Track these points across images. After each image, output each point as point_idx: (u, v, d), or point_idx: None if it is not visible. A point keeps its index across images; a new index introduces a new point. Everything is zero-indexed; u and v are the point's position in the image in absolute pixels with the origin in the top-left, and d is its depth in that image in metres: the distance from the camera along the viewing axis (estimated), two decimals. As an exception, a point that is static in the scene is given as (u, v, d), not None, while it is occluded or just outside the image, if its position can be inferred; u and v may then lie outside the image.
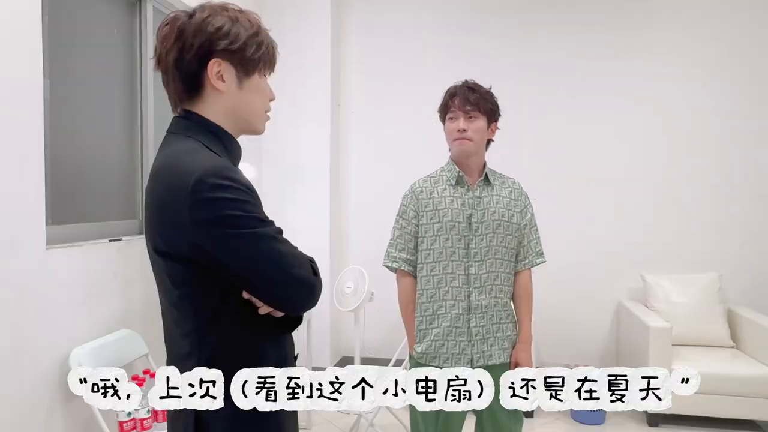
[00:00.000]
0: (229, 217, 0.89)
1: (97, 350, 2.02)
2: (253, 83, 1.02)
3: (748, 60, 3.62)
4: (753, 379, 2.97)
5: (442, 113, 1.89)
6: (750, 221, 3.65)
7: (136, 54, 2.50)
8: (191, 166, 0.91)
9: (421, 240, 1.84)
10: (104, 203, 2.33)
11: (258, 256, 0.92)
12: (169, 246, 0.94)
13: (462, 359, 1.77)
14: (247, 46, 0.99)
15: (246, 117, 1.04)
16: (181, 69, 0.98)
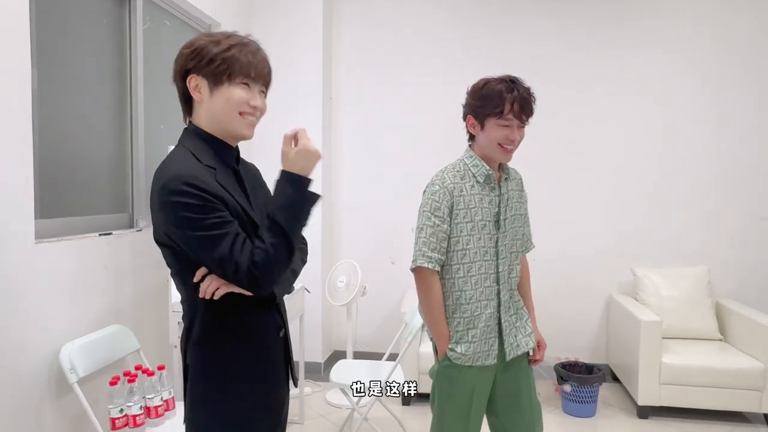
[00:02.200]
0: (182, 218, 1.09)
1: (88, 346, 2.00)
2: (221, 91, 1.18)
3: (741, 58, 3.64)
4: (740, 371, 3.01)
5: (491, 111, 1.70)
6: (738, 217, 3.69)
7: (125, 47, 2.47)
8: (164, 172, 1.12)
9: (456, 240, 1.74)
10: (94, 197, 2.29)
11: (205, 251, 1.10)
12: (156, 234, 1.19)
13: (491, 355, 1.75)
14: (213, 62, 1.16)
15: (222, 120, 1.21)
16: (177, 89, 1.25)
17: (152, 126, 2.65)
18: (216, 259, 1.09)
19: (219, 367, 1.19)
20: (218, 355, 1.20)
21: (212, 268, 1.13)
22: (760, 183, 3.66)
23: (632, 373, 3.23)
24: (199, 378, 1.20)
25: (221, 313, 1.18)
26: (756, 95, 3.64)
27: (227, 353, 1.20)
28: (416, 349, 3.23)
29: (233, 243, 1.10)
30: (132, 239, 2.37)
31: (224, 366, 1.20)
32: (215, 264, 1.11)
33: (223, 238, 1.09)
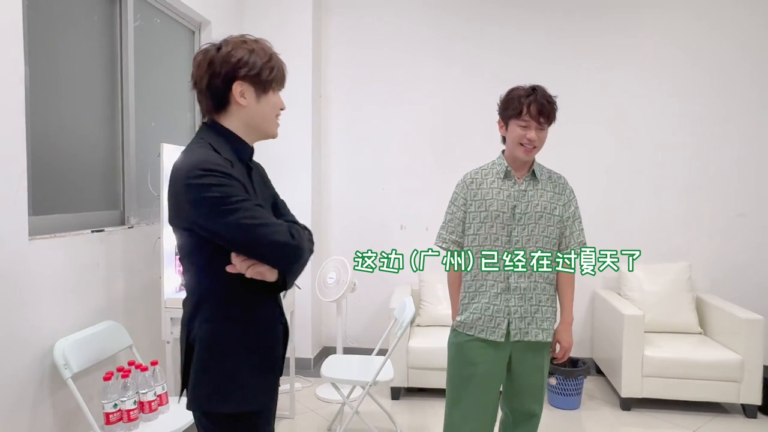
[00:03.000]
0: (211, 198, 1.16)
1: (81, 342, 2.02)
2: (268, 98, 1.32)
3: (725, 61, 3.74)
4: (719, 363, 3.11)
5: (512, 114, 1.92)
6: (717, 215, 3.80)
7: (116, 44, 2.47)
8: (187, 160, 1.21)
9: (468, 226, 2.00)
10: (85, 194, 2.30)
11: (237, 225, 1.17)
12: (175, 219, 1.25)
13: (496, 332, 1.95)
14: (262, 71, 1.28)
15: (261, 124, 1.34)
16: (212, 90, 1.28)
17: (143, 123, 2.66)
18: (251, 226, 1.17)
19: (227, 344, 1.26)
20: (228, 332, 1.27)
21: (242, 238, 1.18)
22: (734, 182, 3.78)
23: (616, 366, 3.32)
24: (207, 352, 1.26)
25: (232, 294, 1.26)
26: (730, 101, 3.75)
27: (236, 332, 1.27)
28: (405, 344, 3.28)
29: (268, 217, 1.21)
30: (124, 236, 2.38)
31: (232, 343, 1.27)
32: (247, 232, 1.17)
33: (256, 210, 1.19)
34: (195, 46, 3.24)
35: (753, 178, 3.76)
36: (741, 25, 3.71)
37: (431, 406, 3.27)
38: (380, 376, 2.62)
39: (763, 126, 3.74)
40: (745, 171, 3.77)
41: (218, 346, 1.26)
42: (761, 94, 3.73)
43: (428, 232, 3.90)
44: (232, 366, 1.26)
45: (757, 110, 3.74)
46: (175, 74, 3.06)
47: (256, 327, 1.30)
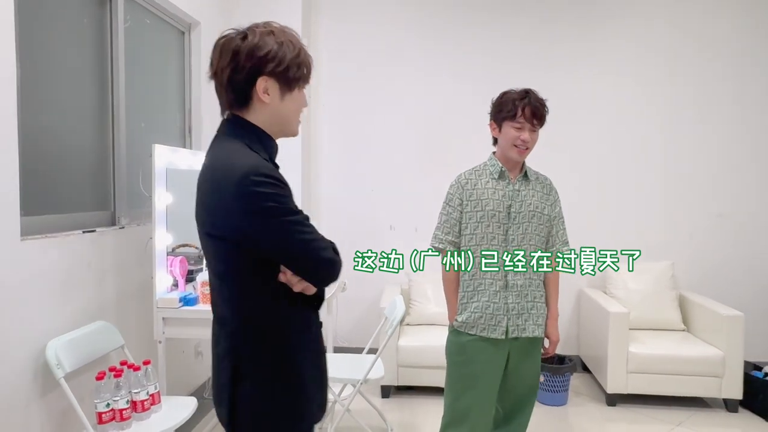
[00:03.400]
0: (267, 208, 1.08)
1: (73, 342, 2.02)
2: (293, 96, 1.22)
3: (703, 66, 3.84)
4: (701, 359, 3.19)
5: (505, 116, 1.99)
6: (699, 214, 3.89)
7: (107, 45, 2.48)
8: (237, 164, 1.10)
9: (465, 226, 2.04)
10: (76, 195, 2.30)
11: (290, 239, 1.11)
12: (217, 228, 1.14)
13: (497, 329, 2.00)
14: (289, 68, 1.17)
15: (284, 123, 1.24)
16: (233, 84, 1.16)
17: (133, 124, 2.66)
18: (305, 242, 1.11)
19: (295, 358, 1.20)
20: (292, 346, 1.20)
21: (294, 253, 1.12)
22: (714, 184, 3.88)
23: (601, 363, 3.38)
24: (278, 373, 1.19)
25: (282, 307, 1.19)
26: (708, 106, 3.85)
27: (298, 346, 1.21)
28: (395, 343, 3.31)
29: (316, 231, 1.15)
30: (115, 236, 2.38)
31: (299, 358, 1.21)
32: (301, 247, 1.11)
33: (309, 225, 1.13)
34: (185, 47, 3.25)
35: (731, 180, 3.86)
36: (716, 33, 3.81)
37: (421, 404, 3.31)
38: (371, 374, 2.64)
39: (740, 130, 3.84)
40: (724, 172, 3.87)
41: (290, 364, 1.19)
42: (737, 99, 3.82)
43: (417, 233, 3.94)
44: (307, 382, 1.21)
45: (733, 115, 3.84)
46: (166, 75, 3.06)
47: (313, 337, 1.25)
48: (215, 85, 1.21)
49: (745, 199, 3.85)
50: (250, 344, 1.18)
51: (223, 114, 1.24)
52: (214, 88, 1.22)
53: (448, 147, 3.96)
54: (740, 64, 3.81)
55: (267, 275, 1.16)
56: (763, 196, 3.84)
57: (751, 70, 3.80)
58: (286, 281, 1.16)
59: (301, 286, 1.17)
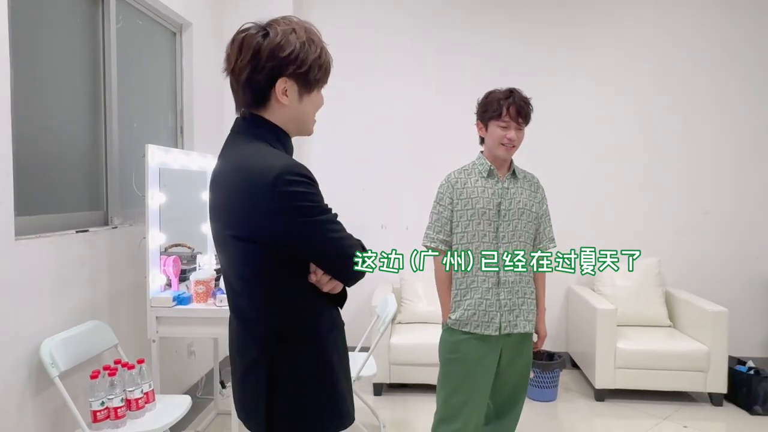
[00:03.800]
0: (302, 208, 1.06)
1: (67, 341, 2.03)
2: (311, 98, 1.18)
3: (686, 66, 3.91)
4: (687, 354, 3.25)
5: (491, 116, 2.03)
6: (684, 212, 3.97)
7: (99, 46, 2.48)
8: (268, 164, 1.06)
9: (456, 224, 2.07)
10: (69, 195, 2.31)
11: (324, 238, 1.11)
12: (247, 231, 1.09)
13: (491, 326, 2.03)
14: (311, 70, 1.13)
15: (300, 123, 1.20)
16: (252, 84, 1.12)
17: (126, 124, 2.67)
18: (337, 239, 1.11)
19: (330, 360, 1.18)
20: (326, 347, 1.18)
21: (327, 252, 1.12)
22: (699, 182, 3.95)
23: (590, 359, 3.44)
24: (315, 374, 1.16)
25: (313, 307, 1.17)
26: (695, 105, 3.92)
27: (331, 345, 1.19)
28: (387, 341, 3.34)
29: (345, 228, 1.14)
30: (108, 236, 2.39)
31: (334, 359, 1.19)
32: (334, 245, 1.11)
33: (339, 223, 1.14)
34: (176, 48, 3.26)
35: (716, 178, 3.94)
36: (702, 34, 3.88)
37: (413, 401, 3.35)
38: (363, 371, 2.67)
39: (725, 129, 3.92)
40: (709, 171, 3.94)
41: (324, 363, 1.17)
42: (722, 99, 3.90)
43: (408, 231, 3.97)
44: (341, 380, 1.20)
45: (719, 115, 3.91)
46: (158, 76, 3.07)
47: (340, 335, 1.23)
48: (231, 82, 1.16)
49: (730, 196, 3.93)
50: (285, 347, 1.14)
51: (238, 111, 1.20)
52: (230, 84, 1.17)
53: (438, 146, 4.00)
54: (725, 65, 3.89)
55: (297, 275, 1.14)
56: (747, 194, 3.92)
57: (735, 70, 3.88)
58: (316, 281, 1.15)
59: (331, 286, 1.16)
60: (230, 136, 1.19)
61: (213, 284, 2.49)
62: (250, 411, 1.18)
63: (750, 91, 3.89)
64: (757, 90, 3.88)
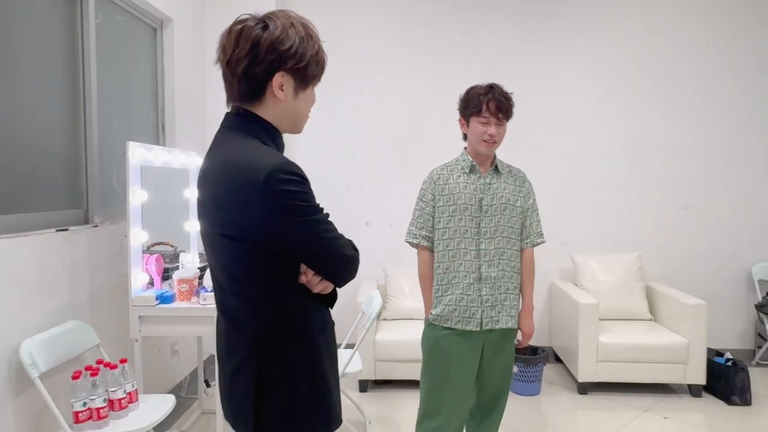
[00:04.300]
0: (294, 206, 1.05)
1: (47, 342, 2.00)
2: (306, 94, 1.17)
3: (668, 63, 3.96)
4: (667, 347, 3.31)
5: (472, 112, 2.04)
6: (664, 207, 4.03)
7: (78, 42, 2.45)
8: (259, 162, 1.04)
9: (438, 220, 2.08)
10: (48, 193, 2.27)
11: (316, 238, 1.10)
12: (237, 229, 1.06)
13: (472, 322, 2.03)
14: (309, 65, 1.13)
15: (294, 120, 1.19)
16: (249, 76, 1.09)
17: (106, 121, 2.64)
18: (330, 239, 1.11)
19: (321, 359, 1.17)
20: (318, 347, 1.17)
21: (319, 252, 1.10)
22: (680, 177, 4.01)
23: (573, 353, 3.48)
24: (306, 373, 1.15)
25: (304, 307, 1.16)
26: (676, 102, 3.98)
27: (320, 345, 1.17)
28: (372, 337, 3.35)
29: (336, 228, 1.13)
30: (88, 235, 2.36)
31: (324, 357, 1.17)
32: (326, 245, 1.10)
33: (331, 223, 1.13)
34: (157, 44, 3.22)
35: (696, 174, 4.01)
36: (684, 32, 3.94)
37: (398, 398, 3.36)
38: (348, 368, 2.67)
39: (705, 126, 3.98)
40: (690, 166, 4.01)
41: (315, 363, 1.16)
42: (703, 96, 3.97)
43: (393, 228, 3.99)
44: (330, 380, 1.19)
45: (699, 112, 3.98)
46: (138, 72, 3.03)
47: (330, 335, 1.22)
48: (224, 74, 1.12)
49: (709, 192, 4.00)
50: (275, 348, 1.12)
51: (228, 105, 1.17)
52: (222, 75, 1.13)
53: (423, 142, 4.01)
54: (707, 62, 3.95)
55: (288, 275, 1.12)
56: (725, 190, 4.00)
57: (717, 68, 3.95)
58: (306, 282, 1.13)
59: (321, 287, 1.15)
60: (220, 132, 1.16)
61: (196, 282, 2.47)
62: (238, 412, 1.16)
63: (729, 89, 3.96)
64: (736, 88, 3.95)
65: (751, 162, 3.98)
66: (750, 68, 3.94)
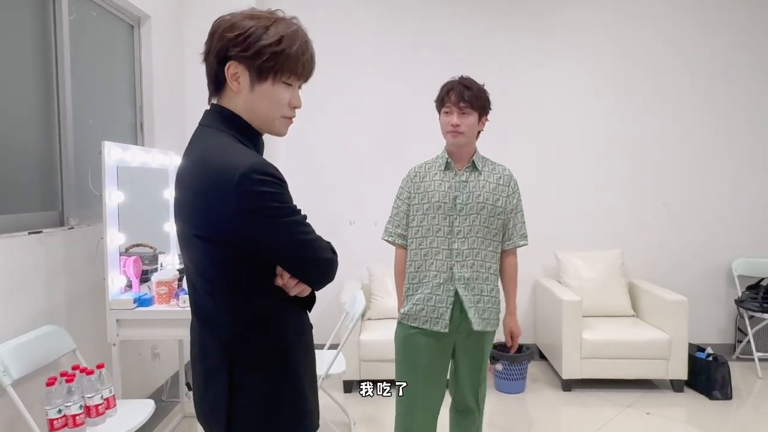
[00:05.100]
0: (269, 208, 1.02)
1: (21, 347, 1.94)
2: (264, 88, 1.09)
3: (653, 60, 4.00)
4: (649, 342, 3.34)
5: (439, 105, 2.03)
6: (645, 204, 4.07)
7: (50, 39, 2.38)
8: (234, 161, 1.01)
9: (412, 218, 2.05)
10: (21, 195, 2.21)
11: (293, 240, 1.06)
12: (211, 231, 1.04)
13: (440, 322, 1.97)
14: (260, 54, 1.05)
15: (259, 118, 1.13)
16: (207, 65, 1.11)
17: (81, 120, 2.57)
18: (307, 241, 1.08)
19: (297, 363, 1.15)
20: (294, 351, 1.15)
21: (296, 255, 1.07)
22: (660, 175, 4.05)
23: (557, 350, 3.49)
24: (280, 375, 1.12)
25: (280, 310, 1.13)
26: (656, 100, 4.01)
27: (297, 349, 1.16)
28: (357, 337, 3.32)
29: (314, 230, 1.10)
30: (64, 237, 2.30)
31: (300, 361, 1.15)
32: (303, 248, 1.07)
33: (308, 224, 1.09)
34: (134, 41, 3.15)
35: (676, 171, 4.05)
36: (669, 27, 3.98)
37: (383, 398, 3.32)
38: (332, 369, 2.65)
39: (685, 124, 4.03)
40: (670, 164, 4.05)
41: (290, 369, 1.13)
42: (683, 94, 4.01)
43: (377, 227, 3.95)
44: (306, 385, 1.16)
45: (679, 110, 4.02)
46: (115, 70, 2.97)
47: (308, 339, 1.20)
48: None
49: (689, 189, 4.05)
50: (249, 352, 1.10)
51: (209, 101, 1.16)
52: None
53: (405, 141, 3.99)
54: (688, 60, 3.99)
55: (264, 277, 1.10)
56: (705, 187, 4.04)
57: (698, 65, 3.99)
58: (282, 285, 1.10)
59: (298, 290, 1.12)
60: (197, 129, 1.14)
61: (176, 285, 2.42)
62: (212, 417, 1.14)
63: (709, 87, 4.00)
64: (717, 86, 3.99)
65: (730, 159, 4.03)
66: (731, 66, 3.98)
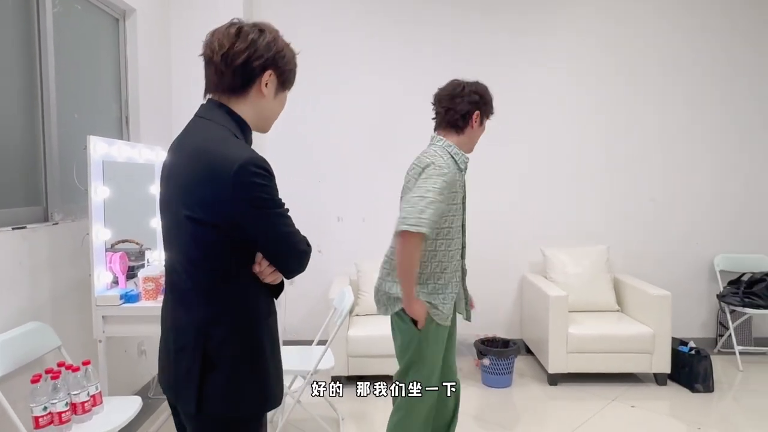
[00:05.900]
0: (260, 199, 1.14)
1: (5, 345, 1.92)
2: (281, 98, 1.31)
3: (636, 57, 4.04)
4: (634, 337, 3.39)
5: (491, 114, 2.17)
6: (630, 200, 4.12)
7: (34, 32, 2.34)
8: (233, 153, 1.13)
9: (444, 218, 2.00)
10: (5, 190, 2.17)
11: (276, 230, 1.19)
12: (203, 213, 1.14)
13: (449, 317, 2.08)
14: (292, 71, 1.29)
15: (267, 119, 1.31)
16: (246, 68, 1.20)
17: (66, 115, 2.54)
18: (288, 233, 1.21)
19: (264, 343, 1.25)
20: (263, 331, 1.25)
21: (277, 243, 1.20)
22: (645, 171, 4.11)
23: (543, 345, 3.53)
24: (248, 353, 1.22)
25: (255, 294, 1.24)
26: (640, 96, 4.06)
27: (265, 330, 1.26)
28: (345, 333, 3.33)
29: (294, 224, 1.23)
30: (48, 233, 2.27)
31: (267, 341, 1.26)
32: (284, 238, 1.20)
33: (290, 218, 1.22)
34: (120, 35, 3.11)
35: (661, 167, 4.10)
36: (649, 25, 4.02)
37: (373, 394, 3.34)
38: (321, 365, 2.65)
39: (670, 120, 4.08)
40: (655, 160, 4.10)
41: (257, 348, 1.23)
42: (667, 90, 4.06)
43: (365, 223, 3.96)
44: (270, 365, 1.26)
45: (663, 106, 4.07)
46: (100, 64, 2.93)
47: (273, 322, 1.30)
48: (217, 64, 1.19)
49: (673, 186, 4.11)
50: (223, 330, 1.19)
51: (206, 96, 1.26)
52: (209, 67, 1.22)
53: (395, 138, 3.99)
54: (672, 57, 4.04)
55: (243, 264, 1.21)
56: (689, 183, 4.10)
57: (682, 61, 4.03)
58: (259, 272, 1.22)
59: (272, 278, 1.24)
60: (195, 120, 1.24)
61: (163, 281, 2.40)
62: (180, 389, 1.22)
63: (694, 83, 4.05)
64: (702, 83, 4.05)
65: (713, 156, 4.10)
66: (716, 63, 4.04)
